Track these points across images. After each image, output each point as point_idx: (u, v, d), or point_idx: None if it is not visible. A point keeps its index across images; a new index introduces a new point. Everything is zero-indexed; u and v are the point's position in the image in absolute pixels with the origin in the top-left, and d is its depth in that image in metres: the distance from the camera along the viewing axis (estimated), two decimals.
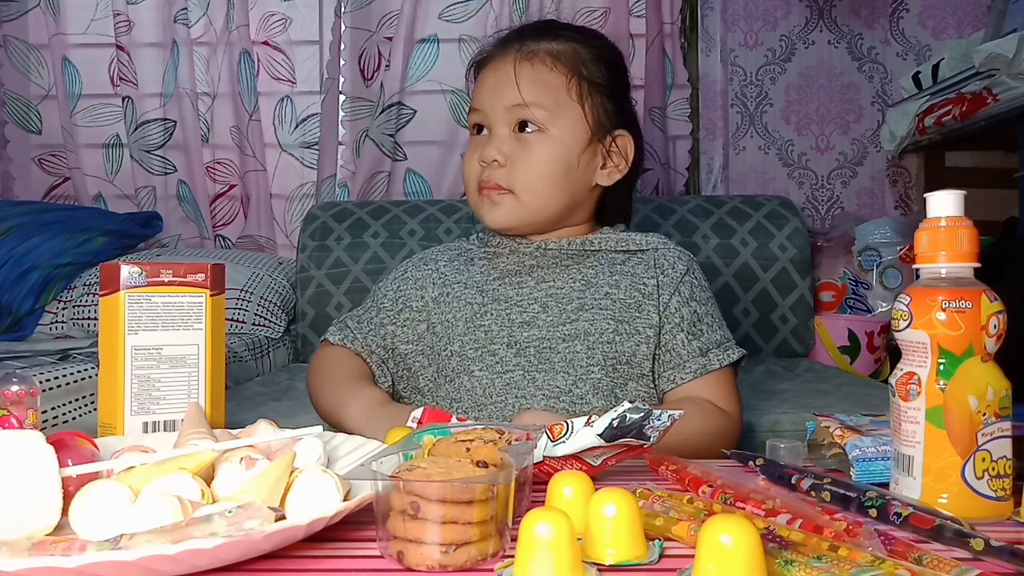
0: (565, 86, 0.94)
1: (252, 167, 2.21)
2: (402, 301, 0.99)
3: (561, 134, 0.94)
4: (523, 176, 0.93)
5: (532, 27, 1.02)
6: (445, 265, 1.00)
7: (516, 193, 0.93)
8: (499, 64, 0.96)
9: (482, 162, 0.94)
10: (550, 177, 0.93)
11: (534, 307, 0.94)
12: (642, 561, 0.47)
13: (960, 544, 0.48)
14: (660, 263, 0.96)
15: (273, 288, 1.92)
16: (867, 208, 2.26)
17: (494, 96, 0.95)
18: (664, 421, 0.60)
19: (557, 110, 0.94)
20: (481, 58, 1.02)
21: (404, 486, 0.47)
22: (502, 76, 0.95)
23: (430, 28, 2.22)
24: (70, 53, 2.25)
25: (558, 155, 0.93)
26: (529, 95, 0.93)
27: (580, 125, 0.95)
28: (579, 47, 0.97)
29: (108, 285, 0.74)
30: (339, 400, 0.91)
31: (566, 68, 0.95)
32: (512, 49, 0.96)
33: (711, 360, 0.92)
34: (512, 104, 0.93)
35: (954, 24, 2.23)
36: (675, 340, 0.93)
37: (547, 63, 0.95)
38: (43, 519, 0.51)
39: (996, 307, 0.56)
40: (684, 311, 0.93)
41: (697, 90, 2.25)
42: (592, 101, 0.95)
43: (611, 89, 0.97)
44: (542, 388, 0.90)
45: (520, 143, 0.94)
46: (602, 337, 0.91)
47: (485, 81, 0.98)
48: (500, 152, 0.93)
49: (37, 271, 1.87)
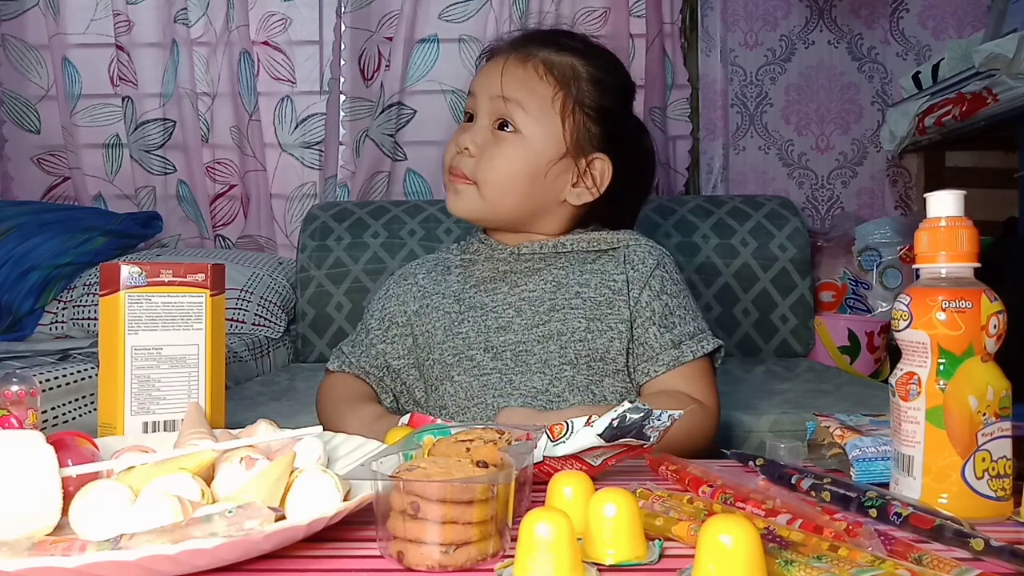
0: (551, 97, 0.95)
1: (252, 167, 2.21)
2: (388, 319, 1.02)
3: (534, 140, 0.94)
4: (487, 170, 0.94)
5: (542, 32, 1.04)
6: (423, 278, 1.03)
7: (479, 186, 0.95)
8: (499, 58, 0.98)
9: (456, 148, 0.97)
10: (513, 178, 0.94)
11: (509, 312, 0.96)
12: (642, 561, 0.47)
13: (960, 544, 0.48)
14: (630, 258, 0.97)
15: (273, 288, 1.92)
16: (867, 208, 2.26)
17: (485, 84, 0.97)
18: (664, 421, 0.60)
19: (537, 116, 0.94)
20: (490, 50, 1.04)
21: (404, 486, 0.47)
22: (495, 68, 0.96)
23: (430, 28, 2.22)
24: (70, 53, 2.25)
25: (525, 159, 0.94)
26: (511, 92, 0.94)
27: (556, 137, 0.95)
28: (580, 64, 0.96)
29: (108, 285, 0.74)
30: (339, 419, 0.94)
31: (556, 81, 0.95)
32: (513, 47, 0.98)
33: (684, 352, 0.92)
34: (494, 95, 0.95)
35: (954, 24, 2.23)
36: (647, 333, 0.93)
37: (539, 70, 0.95)
38: (43, 519, 0.51)
39: (996, 307, 0.56)
40: (655, 304, 0.94)
41: (697, 90, 2.25)
42: (575, 119, 0.95)
43: (601, 113, 0.96)
44: (519, 389, 0.92)
45: (495, 139, 0.95)
46: (574, 336, 0.93)
47: (483, 70, 1.00)
48: (474, 142, 0.95)
49: (37, 271, 1.87)
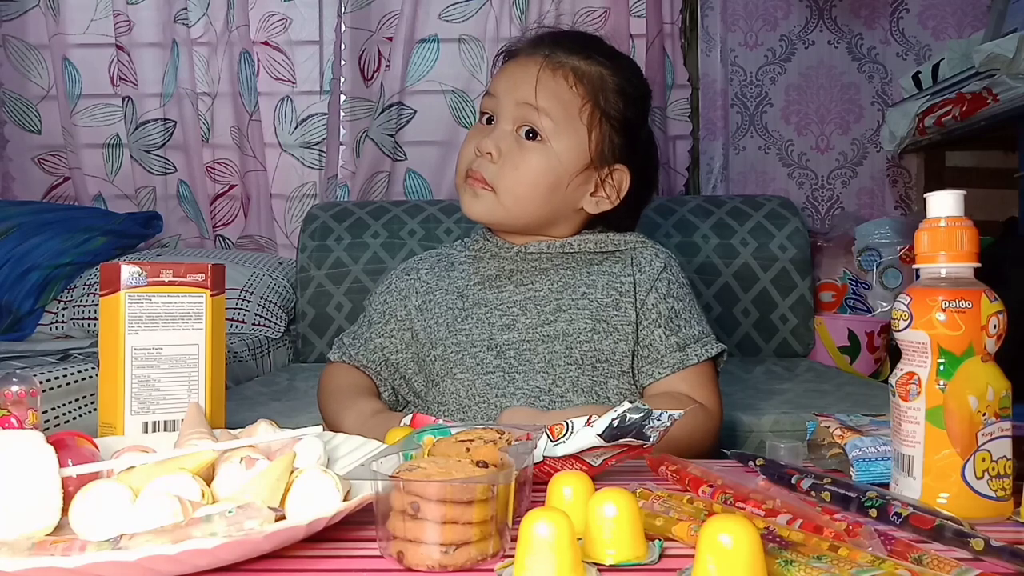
0: (579, 107, 0.94)
1: (252, 167, 2.21)
2: (388, 313, 1.01)
3: (560, 151, 0.93)
4: (509, 178, 0.93)
5: (569, 37, 1.01)
6: (426, 273, 1.02)
7: (498, 192, 0.94)
8: (526, 61, 0.96)
9: (477, 151, 0.95)
10: (536, 188, 0.93)
11: (513, 310, 0.95)
12: (642, 561, 0.47)
13: (960, 544, 0.48)
14: (637, 261, 0.97)
15: (273, 288, 1.92)
16: (867, 208, 2.26)
17: (510, 87, 0.95)
18: (664, 421, 0.60)
19: (564, 126, 0.93)
20: (511, 49, 1.01)
21: (404, 486, 0.47)
22: (524, 73, 0.94)
23: (430, 28, 2.22)
24: (70, 53, 2.25)
25: (550, 169, 0.93)
26: (543, 101, 0.92)
27: (582, 148, 0.94)
28: (607, 74, 0.96)
29: (108, 285, 0.74)
30: (337, 413, 0.94)
31: (585, 91, 0.94)
32: (541, 52, 0.96)
33: (688, 355, 0.93)
34: (524, 101, 0.93)
35: (954, 24, 2.23)
36: (653, 336, 0.93)
37: (570, 79, 0.94)
38: (43, 519, 0.51)
39: (996, 307, 0.56)
40: (661, 307, 0.94)
41: (697, 90, 2.25)
42: (601, 130, 0.95)
43: (624, 124, 0.96)
44: (522, 388, 0.92)
45: (519, 145, 0.94)
46: (580, 336, 0.93)
47: (506, 71, 0.98)
48: (497, 147, 0.93)
49: (37, 271, 1.87)
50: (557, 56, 0.95)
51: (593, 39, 1.03)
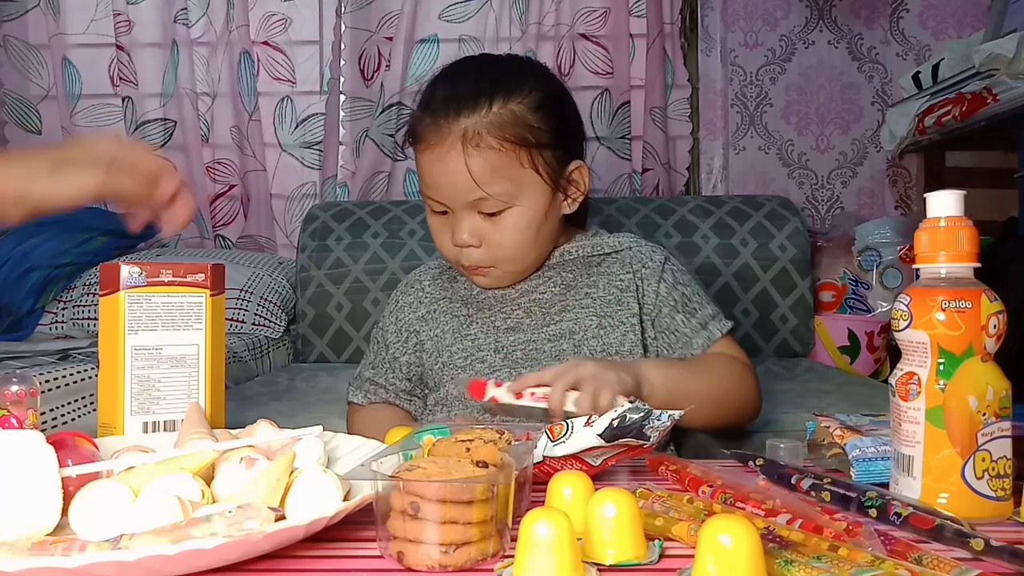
0: (517, 160, 0.90)
1: (252, 167, 2.21)
2: (404, 329, 1.03)
3: (526, 204, 0.92)
4: (500, 253, 0.94)
5: (461, 94, 0.91)
6: (429, 284, 1.04)
7: (498, 266, 0.95)
8: (443, 152, 0.90)
9: (456, 245, 0.94)
10: (526, 244, 0.94)
11: (518, 312, 0.98)
12: (642, 561, 0.47)
13: (960, 544, 0.48)
14: (636, 259, 1.00)
15: (273, 288, 1.92)
16: (867, 208, 2.25)
17: (449, 190, 0.91)
18: (664, 421, 0.60)
19: (517, 186, 0.91)
20: (417, 138, 0.94)
21: (404, 486, 0.47)
22: (453, 167, 0.89)
23: (430, 28, 2.22)
24: (70, 53, 2.25)
25: (528, 222, 0.92)
26: (488, 186, 0.89)
27: (540, 188, 0.92)
28: (516, 106, 0.90)
29: (108, 285, 0.74)
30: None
31: (513, 143, 0.89)
32: (452, 132, 0.89)
33: (712, 332, 0.97)
34: (474, 199, 0.90)
35: (954, 24, 2.23)
36: (675, 321, 0.97)
37: (494, 145, 0.89)
38: (43, 519, 0.51)
39: (996, 307, 0.56)
40: (675, 294, 0.98)
41: (697, 90, 2.25)
42: (543, 160, 0.92)
43: (554, 135, 0.93)
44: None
45: (492, 225, 0.92)
46: (587, 333, 0.95)
47: (434, 169, 0.92)
48: (473, 235, 0.92)
49: (37, 271, 1.87)
50: (469, 127, 0.89)
51: (481, 67, 0.98)
